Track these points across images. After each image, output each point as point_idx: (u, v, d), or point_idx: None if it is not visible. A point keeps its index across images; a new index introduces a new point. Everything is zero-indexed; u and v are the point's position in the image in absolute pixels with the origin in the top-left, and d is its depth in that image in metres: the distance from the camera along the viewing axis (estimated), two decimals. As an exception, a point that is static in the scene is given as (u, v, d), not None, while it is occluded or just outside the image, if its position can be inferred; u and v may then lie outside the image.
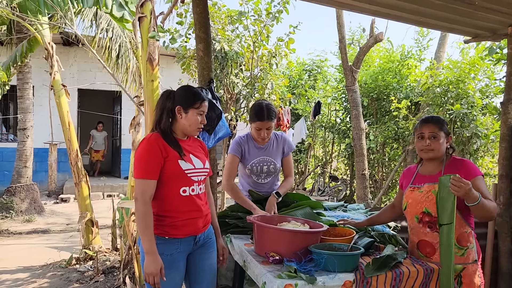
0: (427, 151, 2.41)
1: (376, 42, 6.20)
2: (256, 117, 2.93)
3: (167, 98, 2.29)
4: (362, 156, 6.12)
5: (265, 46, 5.31)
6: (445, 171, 2.38)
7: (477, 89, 6.48)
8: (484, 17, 3.43)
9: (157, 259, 2.10)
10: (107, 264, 4.97)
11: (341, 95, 10.47)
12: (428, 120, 2.45)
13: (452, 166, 2.39)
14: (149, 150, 2.17)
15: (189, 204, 2.26)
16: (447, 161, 2.43)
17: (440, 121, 2.44)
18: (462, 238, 2.34)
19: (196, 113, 2.28)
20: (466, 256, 2.34)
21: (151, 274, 2.09)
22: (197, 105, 2.28)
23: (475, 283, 2.33)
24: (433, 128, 2.39)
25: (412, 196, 2.46)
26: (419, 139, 2.46)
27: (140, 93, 5.40)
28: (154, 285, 2.11)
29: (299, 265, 2.13)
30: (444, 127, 2.42)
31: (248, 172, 3.11)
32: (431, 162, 2.47)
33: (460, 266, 2.33)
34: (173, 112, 2.28)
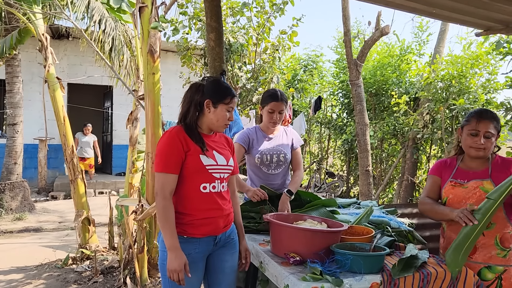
0: (478, 149, 2.28)
1: (382, 35, 6.09)
2: (270, 98, 2.94)
3: (196, 90, 2.19)
4: (366, 152, 6.02)
5: (267, 39, 5.17)
6: (492, 170, 2.28)
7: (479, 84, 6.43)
8: (499, 8, 3.33)
9: (180, 254, 2.01)
10: (105, 264, 4.81)
11: (337, 90, 10.38)
12: (484, 116, 2.28)
13: (500, 165, 2.30)
14: (170, 143, 2.08)
15: (209, 201, 2.14)
16: (493, 159, 2.33)
17: (496, 118, 2.29)
18: (505, 240, 2.25)
19: (225, 109, 2.18)
20: (508, 258, 2.25)
21: (175, 271, 1.99)
22: (227, 100, 2.18)
23: None
24: (490, 127, 2.25)
25: (454, 192, 2.35)
26: (471, 135, 2.29)
27: (138, 87, 5.23)
28: (179, 282, 2.01)
29: (323, 266, 2.03)
30: (498, 125, 2.29)
31: (257, 162, 3.01)
32: (476, 159, 2.35)
33: (501, 267, 2.24)
34: (201, 105, 2.17)
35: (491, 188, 2.21)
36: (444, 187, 2.42)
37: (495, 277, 2.23)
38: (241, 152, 3.04)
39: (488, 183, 2.25)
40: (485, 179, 2.26)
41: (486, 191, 2.22)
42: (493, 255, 2.24)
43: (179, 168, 2.08)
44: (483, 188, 2.23)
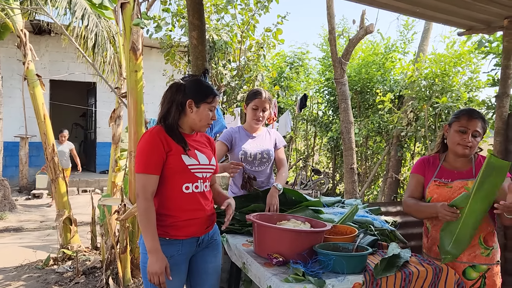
0: (465, 147, 2.28)
1: (367, 34, 6.11)
2: (254, 95, 2.98)
3: (177, 90, 2.14)
4: (351, 150, 6.04)
5: (252, 36, 5.14)
6: (476, 169, 2.29)
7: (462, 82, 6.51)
8: (481, 8, 3.37)
9: (160, 257, 1.98)
10: (88, 264, 4.73)
11: (323, 88, 10.41)
12: (474, 115, 2.29)
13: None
14: (151, 144, 2.04)
15: (192, 202, 2.12)
16: (476, 159, 2.34)
17: (483, 118, 2.32)
18: (489, 238, 2.27)
19: (208, 108, 2.15)
20: (491, 256, 2.28)
21: (155, 274, 1.96)
22: (210, 99, 2.15)
23: (496, 285, 2.27)
24: (478, 125, 2.27)
25: (439, 192, 2.35)
26: (460, 132, 2.30)
27: (120, 85, 5.15)
28: (160, 285, 1.98)
29: (306, 267, 2.01)
30: (485, 126, 2.32)
31: (241, 159, 2.99)
32: (460, 158, 2.36)
33: (485, 266, 2.27)
34: (183, 105, 2.13)
35: None
36: (428, 186, 2.42)
37: (479, 276, 2.26)
38: (223, 150, 3.02)
39: (472, 183, 2.26)
40: (470, 179, 2.28)
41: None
42: (477, 254, 2.27)
43: (160, 168, 2.04)
44: (468, 188, 2.24)
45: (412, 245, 3.15)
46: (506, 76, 3.59)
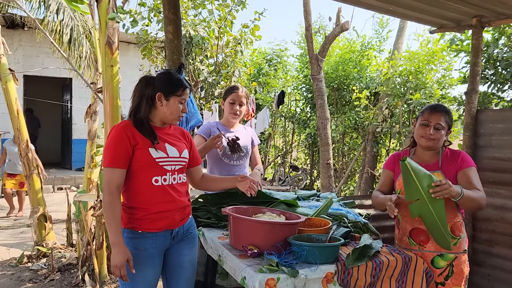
0: (428, 139, 2.37)
1: (342, 31, 6.21)
2: (231, 90, 3.03)
3: (146, 84, 2.14)
4: (327, 145, 6.14)
5: (230, 32, 5.15)
6: (442, 162, 2.37)
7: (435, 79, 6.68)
8: (451, 7, 3.46)
9: (122, 250, 1.98)
10: (63, 261, 4.67)
11: (301, 85, 10.49)
12: (437, 109, 2.38)
13: (449, 157, 2.39)
14: (116, 138, 2.05)
15: (162, 194, 2.12)
16: (443, 151, 2.42)
17: (448, 113, 2.39)
18: (456, 228, 2.35)
19: (178, 101, 2.15)
20: (458, 245, 2.36)
21: (116, 267, 1.97)
22: (179, 92, 2.15)
23: (464, 272, 2.36)
24: (440, 119, 2.34)
25: None
26: (422, 125, 2.39)
27: (96, 80, 5.09)
28: (122, 278, 2.00)
29: (280, 258, 2.05)
30: (449, 119, 2.39)
31: (220, 153, 3.02)
32: (427, 151, 2.44)
33: (452, 255, 2.35)
34: (153, 99, 2.13)
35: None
36: (398, 179, 2.51)
37: (447, 264, 2.34)
38: (202, 143, 3.02)
39: (438, 174, 2.35)
40: (436, 171, 2.36)
41: None
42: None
43: (126, 163, 2.05)
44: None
45: (385, 237, 3.24)
46: (474, 73, 3.71)
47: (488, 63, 5.06)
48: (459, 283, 2.34)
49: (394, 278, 2.18)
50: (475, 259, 3.59)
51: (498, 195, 3.44)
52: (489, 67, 5.07)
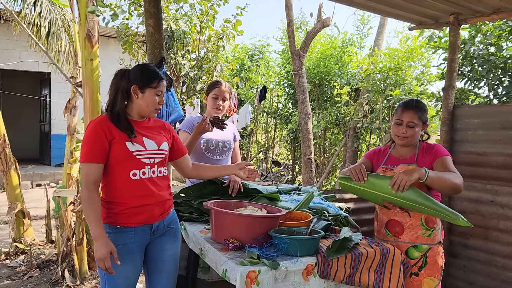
0: (402, 138, 2.43)
1: (324, 27, 6.26)
2: (214, 85, 3.03)
3: (121, 77, 2.13)
4: (308, 140, 6.19)
5: (211, 27, 5.13)
6: (418, 155, 2.43)
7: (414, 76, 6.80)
8: (429, 4, 3.53)
9: (105, 243, 1.98)
10: (42, 257, 4.61)
11: (283, 80, 10.53)
12: (408, 106, 2.41)
13: (425, 150, 2.45)
14: (93, 133, 2.04)
15: (140, 188, 2.11)
16: (420, 145, 2.48)
17: (421, 109, 2.42)
18: (430, 220, 2.41)
19: (154, 93, 2.13)
20: (432, 237, 2.41)
21: (100, 259, 1.97)
22: (154, 84, 2.13)
23: (438, 263, 2.42)
24: (412, 117, 2.38)
25: None
26: (396, 124, 2.44)
27: (76, 74, 5.02)
28: (106, 271, 1.99)
29: (261, 250, 2.08)
30: (423, 115, 2.42)
31: (203, 147, 3.02)
32: (403, 147, 2.50)
33: (426, 246, 2.41)
34: (128, 92, 2.12)
35: None
36: (377, 172, 2.57)
37: (421, 255, 2.40)
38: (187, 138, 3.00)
39: (413, 167, 2.40)
40: (411, 164, 2.42)
41: None
42: (419, 235, 2.41)
43: (103, 157, 2.04)
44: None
45: (364, 230, 3.31)
46: (452, 69, 3.80)
47: (465, 60, 5.18)
48: (433, 273, 2.41)
49: (372, 269, 2.22)
50: (451, 251, 3.68)
51: (473, 188, 3.54)
52: (466, 64, 5.19)
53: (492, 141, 3.43)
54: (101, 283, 2.15)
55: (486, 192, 3.44)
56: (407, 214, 2.40)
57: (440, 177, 2.20)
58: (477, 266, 3.48)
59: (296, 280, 2.02)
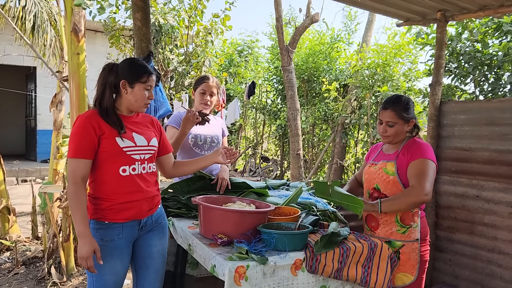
0: (383, 137, 2.48)
1: (312, 23, 6.26)
2: (201, 80, 3.01)
3: (109, 71, 2.09)
4: (297, 136, 6.21)
5: (200, 22, 5.10)
6: (400, 153, 2.45)
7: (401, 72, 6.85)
8: (416, 0, 3.55)
9: (89, 241, 1.95)
10: (28, 254, 4.55)
11: (272, 76, 10.52)
12: (386, 106, 2.43)
13: (407, 148, 2.45)
14: (81, 128, 2.00)
15: (129, 184, 2.09)
16: (406, 142, 2.48)
17: (400, 107, 2.40)
18: (406, 217, 2.42)
19: (143, 88, 2.10)
20: (407, 234, 2.43)
21: (83, 258, 1.94)
22: (144, 79, 2.10)
23: (412, 260, 2.43)
24: (391, 117, 2.40)
25: (368, 172, 2.55)
26: (379, 123, 2.49)
27: (62, 68, 4.95)
28: (89, 269, 1.97)
29: (250, 246, 2.08)
30: (403, 114, 2.40)
31: (191, 143, 3.00)
32: (390, 144, 2.52)
33: (400, 243, 2.43)
34: (116, 87, 2.09)
35: (392, 170, 2.41)
36: (365, 168, 2.60)
37: (394, 251, 2.42)
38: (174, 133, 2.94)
39: (391, 164, 2.43)
40: (390, 161, 2.44)
41: (387, 172, 2.43)
42: (394, 231, 2.44)
43: (91, 153, 2.01)
44: (385, 169, 2.44)
45: (352, 225, 3.32)
46: (439, 66, 3.83)
47: (451, 56, 5.23)
48: (406, 269, 2.43)
49: (360, 263, 2.24)
50: (438, 246, 3.73)
51: (459, 183, 3.58)
52: (453, 61, 5.24)
53: (478, 137, 3.46)
54: (88, 279, 2.13)
55: (472, 187, 3.49)
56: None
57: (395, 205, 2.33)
58: (463, 260, 3.53)
59: (285, 275, 2.02)
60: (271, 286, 1.98)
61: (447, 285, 3.58)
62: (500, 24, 4.81)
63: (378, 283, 2.27)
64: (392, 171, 2.41)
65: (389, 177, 2.41)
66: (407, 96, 2.57)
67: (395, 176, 2.40)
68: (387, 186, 2.43)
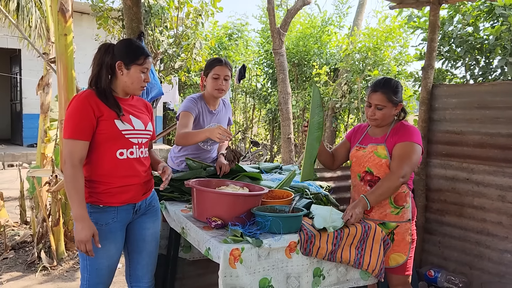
0: (371, 120, 2.47)
1: (304, 5, 6.19)
2: (213, 63, 2.79)
3: (105, 52, 2.04)
4: (288, 120, 6.19)
5: (190, 3, 5.00)
6: (388, 136, 2.45)
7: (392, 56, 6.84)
8: (411, -17, 3.52)
9: (87, 224, 1.92)
10: (17, 239, 4.50)
11: (262, 60, 10.45)
12: (375, 89, 2.41)
13: (396, 130, 2.46)
14: (79, 108, 1.94)
15: (126, 168, 2.06)
16: (394, 125, 2.49)
17: (390, 90, 2.40)
18: (399, 198, 2.45)
19: (140, 70, 2.05)
20: (400, 215, 2.46)
21: (81, 241, 1.91)
22: (140, 61, 2.05)
23: (406, 241, 2.47)
24: (380, 100, 2.39)
25: (357, 155, 2.54)
26: (367, 106, 2.47)
27: (49, 50, 4.83)
28: (87, 253, 1.94)
29: (244, 228, 2.07)
30: (392, 97, 2.40)
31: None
32: (377, 127, 2.52)
33: (394, 223, 2.46)
34: (112, 68, 2.03)
35: (384, 153, 2.42)
36: (351, 151, 2.60)
37: (388, 232, 2.46)
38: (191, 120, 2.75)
39: (382, 148, 2.44)
40: (380, 144, 2.45)
41: (379, 156, 2.44)
42: (388, 213, 2.47)
43: (89, 134, 1.96)
44: (377, 152, 2.45)
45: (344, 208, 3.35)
46: (431, 49, 3.81)
47: (443, 40, 5.22)
48: (400, 250, 2.47)
49: (354, 246, 2.25)
50: (427, 228, 3.78)
51: (450, 166, 3.61)
52: (444, 44, 5.24)
53: (469, 120, 3.48)
54: (81, 263, 2.10)
55: (462, 170, 3.52)
56: None
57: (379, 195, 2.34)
58: (452, 241, 3.58)
59: (279, 257, 2.03)
60: (265, 268, 1.98)
61: (436, 266, 3.64)
62: (493, 7, 4.80)
63: (371, 265, 2.29)
64: (384, 154, 2.42)
65: (382, 160, 2.42)
66: (396, 80, 2.56)
67: (387, 159, 2.41)
68: (380, 169, 2.44)
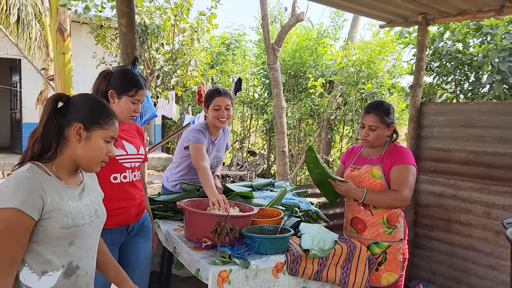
0: (364, 141, 2.57)
1: (298, 21, 6.31)
2: (213, 95, 2.85)
3: (103, 78, 2.13)
4: (282, 133, 6.29)
5: (186, 20, 5.11)
6: (383, 157, 2.54)
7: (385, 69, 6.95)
8: (398, 4, 3.62)
9: None
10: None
11: (259, 70, 10.56)
12: (368, 111, 2.52)
13: (390, 153, 2.55)
14: None
15: (120, 192, 2.14)
16: (388, 146, 2.58)
17: (382, 112, 2.50)
18: (392, 218, 2.53)
19: (130, 101, 2.14)
20: (393, 235, 2.55)
21: None
22: (132, 92, 2.13)
23: (398, 260, 2.56)
24: (373, 121, 2.49)
25: (352, 176, 2.63)
26: (360, 127, 2.58)
27: (48, 66, 4.93)
28: None
29: (233, 250, 2.15)
30: (384, 118, 2.50)
31: None
32: (371, 148, 2.61)
33: (386, 243, 2.54)
34: (105, 95, 2.12)
35: (379, 174, 2.50)
36: (346, 172, 2.69)
37: (381, 251, 2.54)
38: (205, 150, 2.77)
39: (377, 168, 2.53)
40: (376, 165, 2.54)
41: (374, 176, 2.52)
42: (380, 232, 2.55)
43: None
44: (372, 173, 2.52)
45: (335, 223, 3.43)
46: (419, 68, 3.92)
47: (434, 56, 5.33)
48: (391, 269, 2.55)
49: (339, 265, 2.33)
50: (416, 243, 3.86)
51: (437, 183, 3.70)
52: (435, 60, 5.35)
53: (456, 138, 3.58)
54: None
55: (449, 187, 3.61)
56: (370, 212, 2.53)
57: (376, 200, 2.48)
58: (440, 256, 3.67)
59: (266, 277, 2.11)
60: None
61: (424, 280, 3.72)
62: (480, 25, 4.93)
63: (356, 284, 2.37)
64: (379, 175, 2.50)
65: (376, 181, 2.51)
66: (388, 102, 2.67)
67: (382, 180, 2.50)
68: (375, 190, 2.52)
